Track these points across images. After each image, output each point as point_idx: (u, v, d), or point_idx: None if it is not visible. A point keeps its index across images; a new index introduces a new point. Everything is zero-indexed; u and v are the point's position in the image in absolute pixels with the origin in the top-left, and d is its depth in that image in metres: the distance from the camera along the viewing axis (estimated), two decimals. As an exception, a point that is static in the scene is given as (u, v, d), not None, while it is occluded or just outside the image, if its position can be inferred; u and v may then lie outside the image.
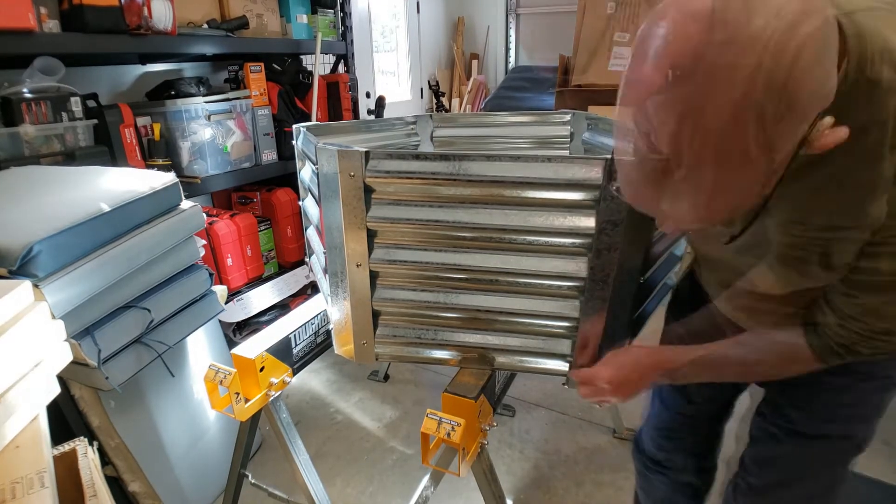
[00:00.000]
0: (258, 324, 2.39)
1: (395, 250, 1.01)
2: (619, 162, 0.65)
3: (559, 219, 0.91)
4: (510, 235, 0.94)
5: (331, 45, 2.80)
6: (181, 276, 1.42)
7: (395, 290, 1.05)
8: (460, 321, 1.05)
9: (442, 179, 0.93)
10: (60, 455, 0.95)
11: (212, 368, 1.17)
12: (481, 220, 0.94)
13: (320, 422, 2.15)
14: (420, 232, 0.98)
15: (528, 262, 0.96)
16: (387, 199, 0.98)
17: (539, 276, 0.96)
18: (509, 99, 2.97)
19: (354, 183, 0.95)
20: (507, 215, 0.93)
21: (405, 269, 1.02)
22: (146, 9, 1.78)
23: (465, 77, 5.45)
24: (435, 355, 1.10)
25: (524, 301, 1.00)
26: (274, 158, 2.49)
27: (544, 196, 0.91)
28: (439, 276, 1.01)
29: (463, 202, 0.95)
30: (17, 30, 1.48)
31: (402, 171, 0.94)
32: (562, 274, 0.95)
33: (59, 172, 1.42)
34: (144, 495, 1.48)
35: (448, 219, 0.95)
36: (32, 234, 1.05)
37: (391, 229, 0.99)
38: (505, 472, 1.85)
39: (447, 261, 0.99)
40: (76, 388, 1.35)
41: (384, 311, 1.08)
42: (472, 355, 1.07)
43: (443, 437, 0.98)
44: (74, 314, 1.12)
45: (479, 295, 1.01)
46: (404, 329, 1.09)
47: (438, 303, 1.03)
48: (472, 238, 0.96)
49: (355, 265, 1.02)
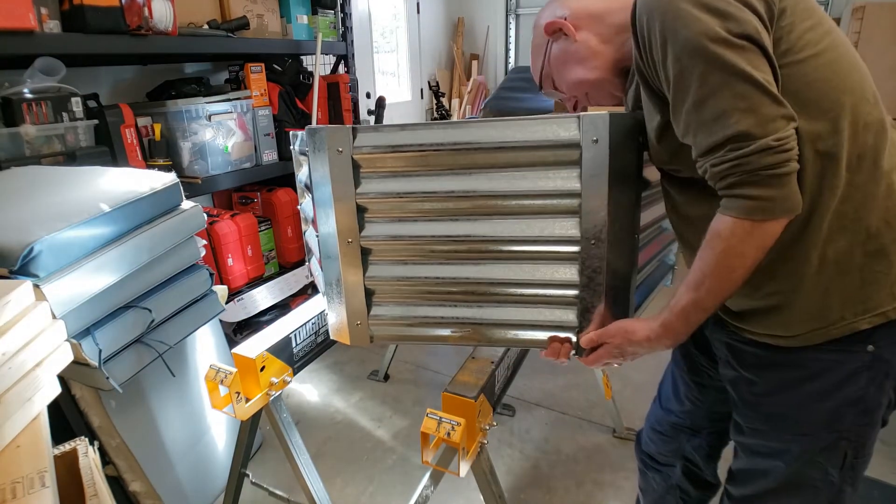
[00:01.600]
0: (259, 324, 2.39)
1: (386, 224, 1.01)
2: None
3: (544, 180, 0.92)
4: (499, 201, 0.95)
5: (331, 46, 2.80)
6: (182, 276, 1.43)
7: (387, 265, 1.05)
8: (456, 295, 1.04)
9: (428, 150, 0.94)
10: (61, 455, 0.95)
11: (212, 368, 1.17)
12: (469, 186, 0.95)
13: (320, 421, 2.15)
14: (410, 205, 0.99)
15: (518, 226, 0.96)
16: (375, 174, 0.99)
17: (531, 241, 0.96)
18: (509, 99, 2.97)
19: (343, 158, 0.96)
20: (494, 180, 0.94)
21: (397, 244, 1.02)
22: (147, 9, 1.78)
23: (465, 77, 5.46)
24: (431, 333, 1.08)
25: (520, 268, 0.99)
26: (274, 158, 2.49)
27: (528, 157, 0.92)
28: (432, 249, 1.01)
29: (451, 169, 0.96)
30: (18, 30, 1.48)
31: (389, 145, 0.95)
32: (552, 237, 0.94)
33: (59, 172, 1.42)
34: (145, 495, 1.48)
35: (437, 189, 0.96)
36: (33, 234, 1.05)
37: (381, 203, 1.00)
38: (505, 472, 1.85)
39: (438, 232, 0.99)
40: (77, 387, 1.35)
41: (378, 290, 1.07)
42: (468, 331, 1.05)
43: (443, 437, 0.99)
44: (75, 314, 1.12)
45: (473, 265, 1.00)
46: (398, 307, 1.08)
47: (432, 277, 1.02)
48: (463, 207, 0.97)
49: (346, 242, 1.02)
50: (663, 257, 1.34)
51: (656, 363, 2.43)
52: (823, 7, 4.44)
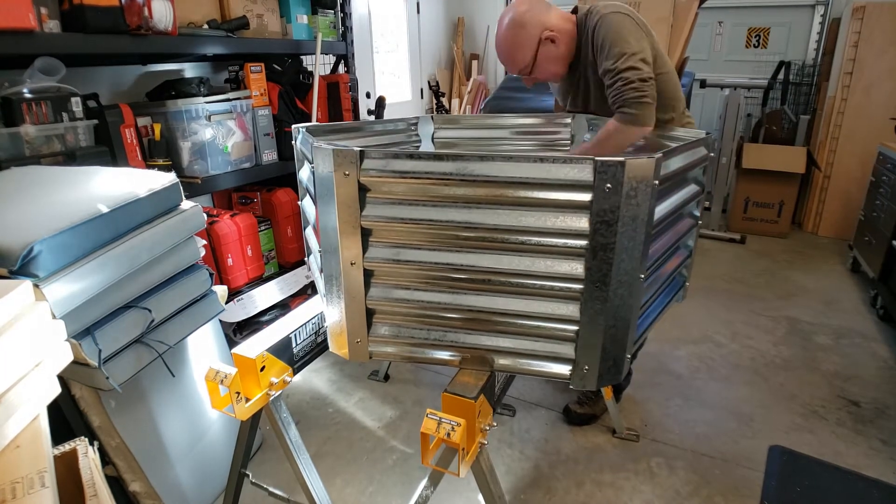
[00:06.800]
0: (258, 323, 2.39)
1: (390, 249, 1.01)
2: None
3: (552, 219, 0.92)
4: (503, 235, 0.94)
5: (331, 46, 2.80)
6: (182, 276, 1.42)
7: (389, 288, 1.05)
8: (456, 321, 1.05)
9: (437, 179, 0.94)
10: (61, 455, 0.95)
11: (212, 368, 1.17)
12: (476, 219, 0.94)
13: (321, 421, 2.15)
14: (415, 231, 0.99)
15: (521, 262, 0.96)
16: (382, 199, 0.98)
17: (533, 276, 0.96)
18: (509, 99, 2.97)
19: (349, 182, 0.95)
20: (501, 215, 0.94)
21: (400, 268, 1.02)
22: (146, 9, 1.78)
23: (465, 77, 5.45)
24: (429, 355, 1.09)
25: (520, 302, 0.99)
26: (274, 158, 2.49)
27: (537, 196, 0.91)
28: (434, 276, 1.01)
29: (457, 202, 0.95)
30: (18, 30, 1.48)
31: (397, 171, 0.94)
32: (556, 274, 0.95)
33: (59, 172, 1.42)
34: (145, 495, 1.48)
35: (442, 218, 0.95)
36: (33, 233, 1.05)
37: (386, 228, 1.00)
38: (505, 472, 1.85)
39: (441, 260, 0.99)
40: (77, 387, 1.35)
41: (378, 310, 1.08)
42: (468, 356, 1.07)
43: (442, 437, 0.98)
44: (75, 314, 1.12)
45: (474, 295, 1.01)
46: (399, 328, 1.09)
47: (433, 302, 1.03)
48: (467, 238, 0.96)
49: (350, 263, 1.02)
50: (676, 273, 1.34)
51: (656, 363, 2.43)
52: (824, 7, 4.44)
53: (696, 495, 1.75)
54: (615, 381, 1.03)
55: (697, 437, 2.03)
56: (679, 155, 1.09)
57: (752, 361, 2.54)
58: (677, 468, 1.87)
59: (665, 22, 2.94)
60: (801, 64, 4.60)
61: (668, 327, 2.83)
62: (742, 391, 2.31)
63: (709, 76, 4.45)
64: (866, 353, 2.60)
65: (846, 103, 4.04)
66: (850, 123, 4.06)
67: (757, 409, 2.19)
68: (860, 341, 2.72)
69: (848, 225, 4.10)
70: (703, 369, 2.46)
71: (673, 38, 2.94)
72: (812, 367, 2.49)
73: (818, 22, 4.50)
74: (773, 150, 4.20)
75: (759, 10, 4.68)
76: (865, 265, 3.24)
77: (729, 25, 4.82)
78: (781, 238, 4.29)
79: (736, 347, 2.67)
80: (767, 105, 4.37)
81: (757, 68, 4.71)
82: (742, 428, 2.07)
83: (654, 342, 2.66)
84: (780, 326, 2.87)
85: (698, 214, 1.34)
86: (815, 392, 2.30)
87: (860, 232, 3.42)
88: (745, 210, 4.35)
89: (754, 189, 4.27)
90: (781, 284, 3.41)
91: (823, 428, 2.07)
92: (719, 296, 3.25)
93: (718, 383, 2.36)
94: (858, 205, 3.58)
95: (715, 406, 2.21)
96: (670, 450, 1.96)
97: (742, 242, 4.19)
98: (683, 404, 2.22)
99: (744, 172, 4.25)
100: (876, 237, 3.09)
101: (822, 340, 2.73)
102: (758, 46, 4.77)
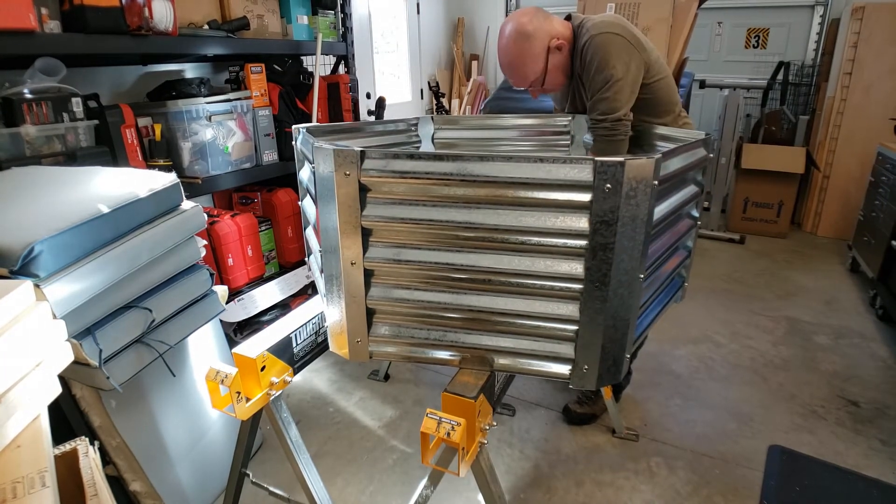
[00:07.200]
0: (259, 323, 2.39)
1: (390, 249, 1.01)
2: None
3: (552, 219, 0.92)
4: (504, 235, 0.95)
5: (331, 46, 2.80)
6: (182, 276, 1.43)
7: (389, 288, 1.05)
8: (456, 321, 1.05)
9: (437, 179, 0.94)
10: (61, 454, 0.95)
11: (213, 368, 1.17)
12: (476, 219, 0.94)
13: (321, 421, 2.15)
14: (415, 231, 0.99)
15: (521, 262, 0.96)
16: (382, 199, 0.98)
17: (533, 276, 0.96)
18: (509, 100, 2.97)
19: (350, 182, 0.96)
20: (501, 215, 0.94)
21: (400, 268, 1.02)
22: (147, 9, 1.79)
23: (464, 78, 5.46)
24: (429, 355, 1.10)
25: (520, 302, 1.00)
26: (275, 159, 2.49)
27: (537, 196, 0.91)
28: (434, 276, 1.02)
29: (457, 202, 0.95)
30: (18, 30, 1.48)
31: (397, 171, 0.95)
32: (556, 274, 0.95)
33: (60, 173, 1.42)
34: (145, 495, 1.49)
35: (443, 218, 0.96)
36: (34, 234, 1.05)
37: (386, 228, 1.00)
38: (505, 472, 1.85)
39: (442, 260, 0.99)
40: (77, 387, 1.35)
41: (379, 310, 1.08)
42: (468, 356, 1.07)
43: (442, 437, 0.99)
44: (75, 314, 1.12)
45: (474, 295, 1.01)
46: (399, 328, 1.09)
47: (433, 302, 1.03)
48: (467, 238, 0.96)
49: (350, 263, 1.02)
50: (675, 273, 1.34)
51: (656, 363, 2.43)
52: (823, 7, 4.44)
53: (696, 495, 1.75)
54: (615, 381, 1.03)
55: (697, 436, 2.03)
56: (678, 156, 1.10)
57: (751, 361, 2.54)
58: (677, 468, 1.87)
59: (664, 22, 2.94)
60: (800, 64, 4.61)
61: (668, 327, 2.83)
62: (742, 391, 2.31)
63: (708, 76, 4.46)
64: (865, 353, 2.61)
65: (845, 103, 4.05)
66: (849, 124, 4.06)
67: (756, 408, 2.19)
68: (859, 341, 2.72)
69: (847, 225, 4.10)
70: (702, 369, 2.47)
71: (672, 39, 2.94)
72: (811, 367, 2.50)
73: (817, 22, 4.51)
74: (772, 150, 4.21)
75: (758, 11, 4.68)
76: (864, 265, 3.24)
77: (728, 26, 4.82)
78: (781, 238, 4.29)
79: (735, 347, 2.67)
80: (767, 105, 4.38)
81: (756, 69, 4.71)
82: (742, 428, 2.08)
83: (654, 342, 2.66)
84: (779, 326, 2.88)
85: (697, 215, 1.34)
86: (815, 392, 2.30)
87: (859, 232, 3.42)
88: (745, 210, 4.36)
89: (753, 189, 4.27)
90: (781, 284, 3.42)
91: (823, 428, 2.07)
92: (719, 296, 3.25)
93: (718, 383, 2.37)
94: (857, 205, 3.59)
95: (714, 406, 2.21)
96: (670, 449, 1.96)
97: (741, 242, 4.19)
98: (683, 404, 2.22)
99: (743, 173, 4.26)
100: (875, 237, 3.09)
101: (822, 340, 2.73)
102: (757, 47, 4.77)
